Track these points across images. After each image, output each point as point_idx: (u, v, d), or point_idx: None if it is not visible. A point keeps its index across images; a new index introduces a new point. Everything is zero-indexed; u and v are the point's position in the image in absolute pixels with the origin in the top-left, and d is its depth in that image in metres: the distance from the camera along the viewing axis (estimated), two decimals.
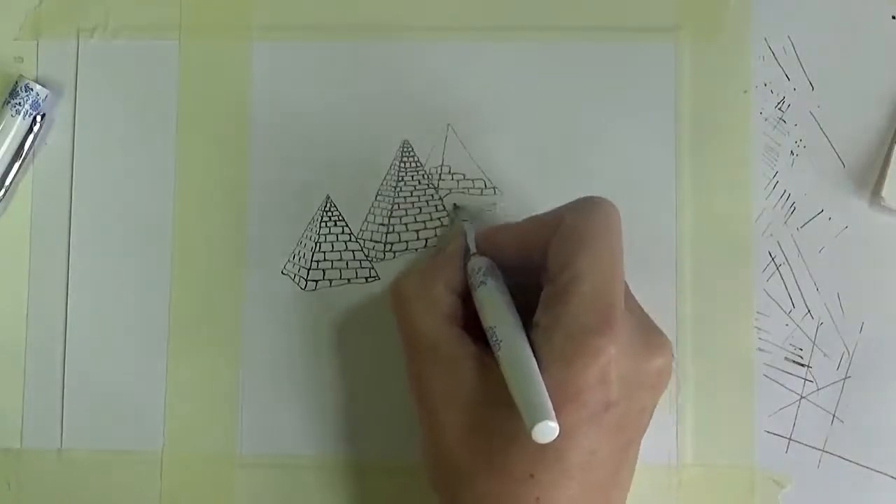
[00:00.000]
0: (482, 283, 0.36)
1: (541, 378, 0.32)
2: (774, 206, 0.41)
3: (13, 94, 0.41)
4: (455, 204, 0.41)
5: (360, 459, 0.40)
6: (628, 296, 0.35)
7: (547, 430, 0.31)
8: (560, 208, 0.36)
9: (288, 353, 0.41)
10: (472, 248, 0.38)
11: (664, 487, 0.40)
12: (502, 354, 0.33)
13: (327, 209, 0.41)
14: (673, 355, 0.36)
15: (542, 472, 0.33)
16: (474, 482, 0.34)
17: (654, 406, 0.36)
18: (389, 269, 0.41)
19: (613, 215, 0.35)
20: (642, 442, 0.36)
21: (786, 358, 0.41)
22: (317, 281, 0.41)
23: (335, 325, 0.41)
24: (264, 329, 0.41)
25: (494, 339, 0.34)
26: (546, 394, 0.31)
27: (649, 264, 0.40)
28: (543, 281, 0.36)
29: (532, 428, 0.31)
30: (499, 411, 0.33)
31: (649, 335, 0.35)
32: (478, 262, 0.37)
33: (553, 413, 0.31)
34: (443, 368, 0.35)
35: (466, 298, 0.37)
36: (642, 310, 0.36)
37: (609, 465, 0.34)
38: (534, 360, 0.33)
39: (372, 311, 0.41)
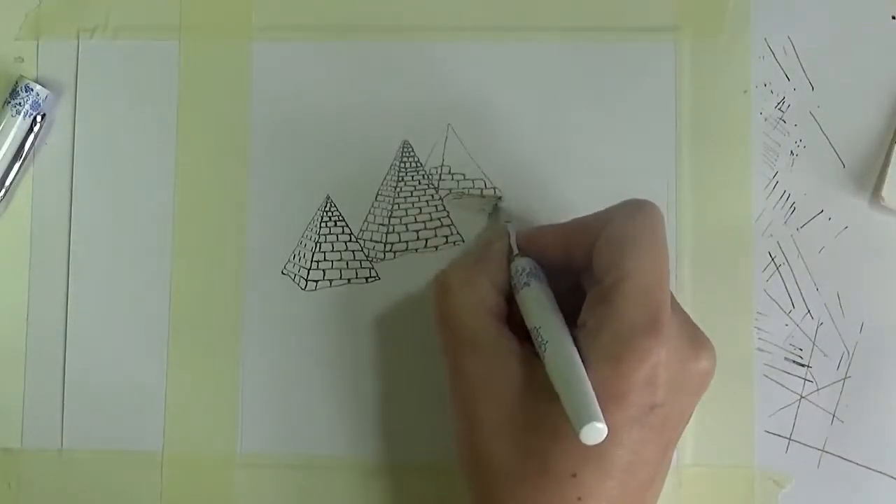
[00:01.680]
0: (526, 284, 0.36)
1: (588, 379, 0.32)
2: (774, 206, 0.41)
3: (13, 94, 0.41)
4: (496, 205, 0.41)
5: (361, 459, 0.40)
6: (672, 297, 0.35)
7: (595, 432, 0.30)
8: (605, 211, 0.36)
9: (288, 353, 0.41)
10: (515, 249, 0.38)
11: (664, 487, 0.40)
12: (548, 355, 0.33)
13: (327, 209, 0.41)
14: (715, 358, 0.35)
15: (584, 472, 0.33)
16: (513, 480, 0.34)
17: (695, 407, 0.36)
18: (389, 269, 0.41)
19: (658, 217, 0.35)
20: None
21: (786, 358, 0.41)
22: (317, 281, 0.41)
23: (335, 326, 0.41)
24: (264, 329, 0.41)
25: (539, 339, 0.34)
26: (593, 395, 0.31)
27: None
28: (587, 283, 0.36)
29: (580, 429, 0.30)
30: (542, 409, 0.33)
31: (694, 337, 0.35)
32: (521, 263, 0.37)
33: (601, 415, 0.31)
34: (485, 361, 0.35)
35: (509, 298, 0.37)
36: (684, 311, 0.36)
37: (650, 466, 0.34)
38: (580, 360, 0.33)
39: (372, 311, 0.41)
